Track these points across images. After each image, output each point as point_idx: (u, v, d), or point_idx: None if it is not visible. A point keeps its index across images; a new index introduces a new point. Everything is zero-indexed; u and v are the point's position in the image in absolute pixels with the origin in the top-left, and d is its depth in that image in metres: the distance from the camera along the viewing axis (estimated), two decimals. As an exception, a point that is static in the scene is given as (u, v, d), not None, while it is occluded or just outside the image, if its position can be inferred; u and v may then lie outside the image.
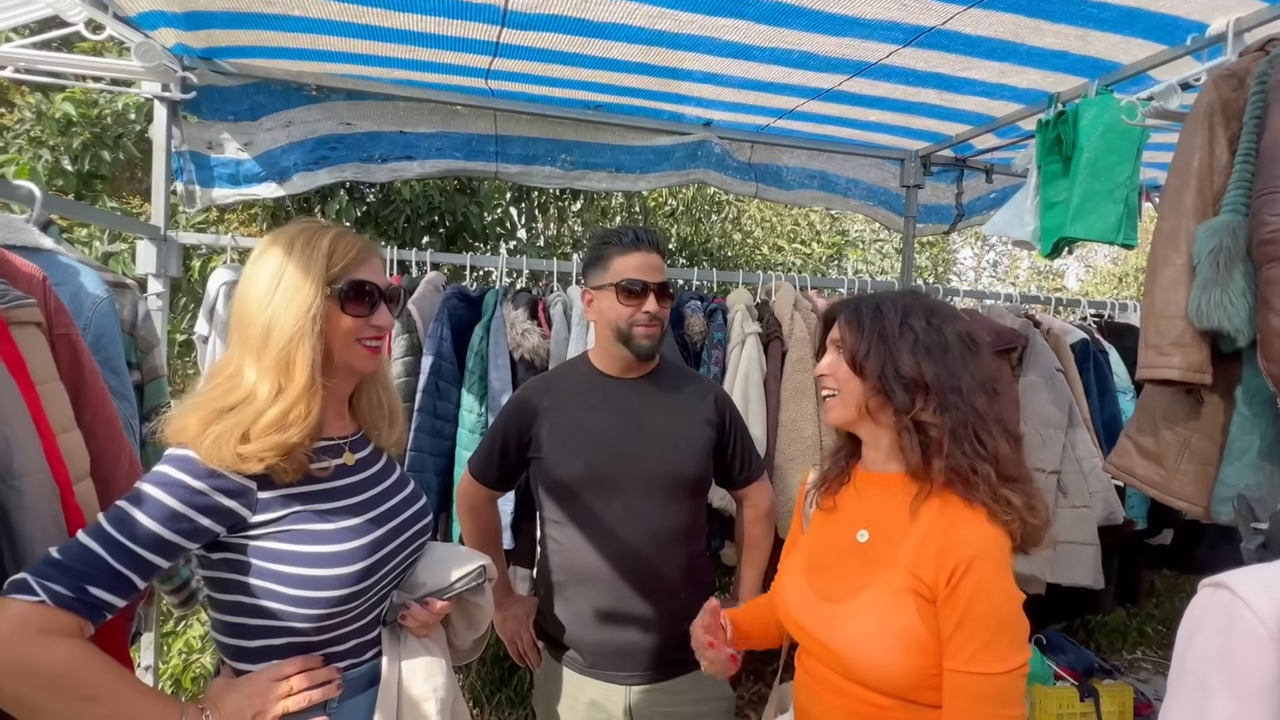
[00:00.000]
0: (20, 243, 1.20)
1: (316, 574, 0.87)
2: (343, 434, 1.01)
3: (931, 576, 0.88)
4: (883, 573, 0.92)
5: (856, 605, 0.93)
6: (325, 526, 0.90)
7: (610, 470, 1.32)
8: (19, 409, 0.91)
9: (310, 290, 0.89)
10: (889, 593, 0.90)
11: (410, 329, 1.94)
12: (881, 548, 0.96)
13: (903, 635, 0.88)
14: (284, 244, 0.93)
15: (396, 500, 1.02)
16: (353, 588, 0.90)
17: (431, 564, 1.04)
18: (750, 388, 2.02)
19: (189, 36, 1.83)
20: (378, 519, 0.96)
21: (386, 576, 0.97)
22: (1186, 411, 1.36)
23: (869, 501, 1.02)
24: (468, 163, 2.27)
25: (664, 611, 1.31)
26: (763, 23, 1.72)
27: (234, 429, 0.85)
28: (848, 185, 2.71)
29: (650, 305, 1.32)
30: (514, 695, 2.61)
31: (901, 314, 0.97)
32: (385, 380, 1.09)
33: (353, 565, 0.90)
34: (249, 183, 2.06)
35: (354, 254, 0.94)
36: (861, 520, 1.01)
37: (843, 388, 1.00)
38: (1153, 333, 1.32)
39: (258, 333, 0.89)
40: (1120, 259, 7.06)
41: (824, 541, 1.05)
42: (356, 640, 0.96)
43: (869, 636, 0.90)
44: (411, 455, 1.86)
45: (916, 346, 0.94)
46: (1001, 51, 1.82)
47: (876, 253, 5.68)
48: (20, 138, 2.23)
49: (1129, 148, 1.72)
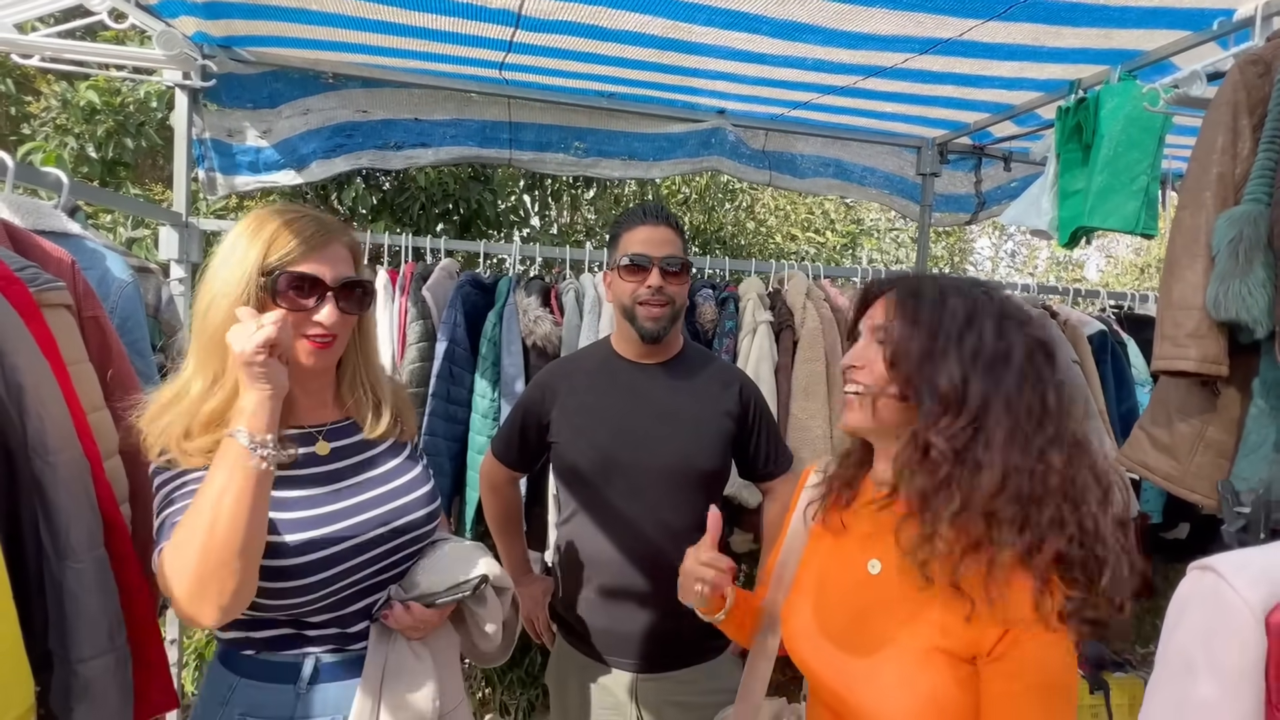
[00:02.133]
0: (49, 228, 1.24)
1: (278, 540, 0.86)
2: (320, 422, 0.99)
3: (970, 630, 0.73)
4: (904, 621, 0.78)
5: (875, 660, 0.78)
6: (275, 515, 0.87)
7: (621, 456, 1.31)
8: (52, 389, 0.94)
9: (241, 279, 0.86)
10: (913, 655, 0.76)
11: (425, 315, 1.97)
12: (898, 585, 0.79)
13: (930, 700, 0.74)
14: (240, 229, 0.91)
15: (381, 490, 0.98)
16: (303, 579, 0.87)
17: (434, 565, 1.00)
18: (761, 378, 2.03)
19: (209, 25, 1.85)
20: (343, 511, 0.93)
21: (359, 570, 0.93)
22: (1202, 404, 1.35)
23: (881, 524, 0.84)
24: (482, 150, 2.28)
25: (674, 602, 1.30)
26: (777, 37, 1.72)
27: (175, 422, 0.85)
28: (863, 173, 2.68)
29: (653, 279, 1.27)
30: (525, 676, 2.66)
31: (968, 313, 0.77)
32: (370, 369, 1.05)
33: (298, 558, 0.87)
34: (268, 170, 2.09)
35: (297, 243, 0.88)
36: (872, 547, 0.85)
37: (872, 388, 0.81)
38: (1169, 324, 1.30)
39: (199, 319, 0.88)
40: (1142, 249, 6.92)
41: (830, 567, 0.91)
42: (337, 629, 0.94)
43: (890, 698, 0.76)
44: (426, 439, 1.89)
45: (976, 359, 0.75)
46: (1021, 53, 1.80)
47: (892, 242, 5.63)
48: (47, 125, 2.28)
49: (1150, 136, 1.69)
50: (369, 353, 1.05)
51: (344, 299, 0.93)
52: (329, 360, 0.97)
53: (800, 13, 1.60)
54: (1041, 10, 1.56)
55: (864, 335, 0.85)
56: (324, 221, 0.94)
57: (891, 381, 0.80)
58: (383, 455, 1.04)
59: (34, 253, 1.13)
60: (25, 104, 2.47)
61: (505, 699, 2.64)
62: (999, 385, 0.74)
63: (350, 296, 0.94)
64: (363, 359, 1.04)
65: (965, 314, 0.77)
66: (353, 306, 0.95)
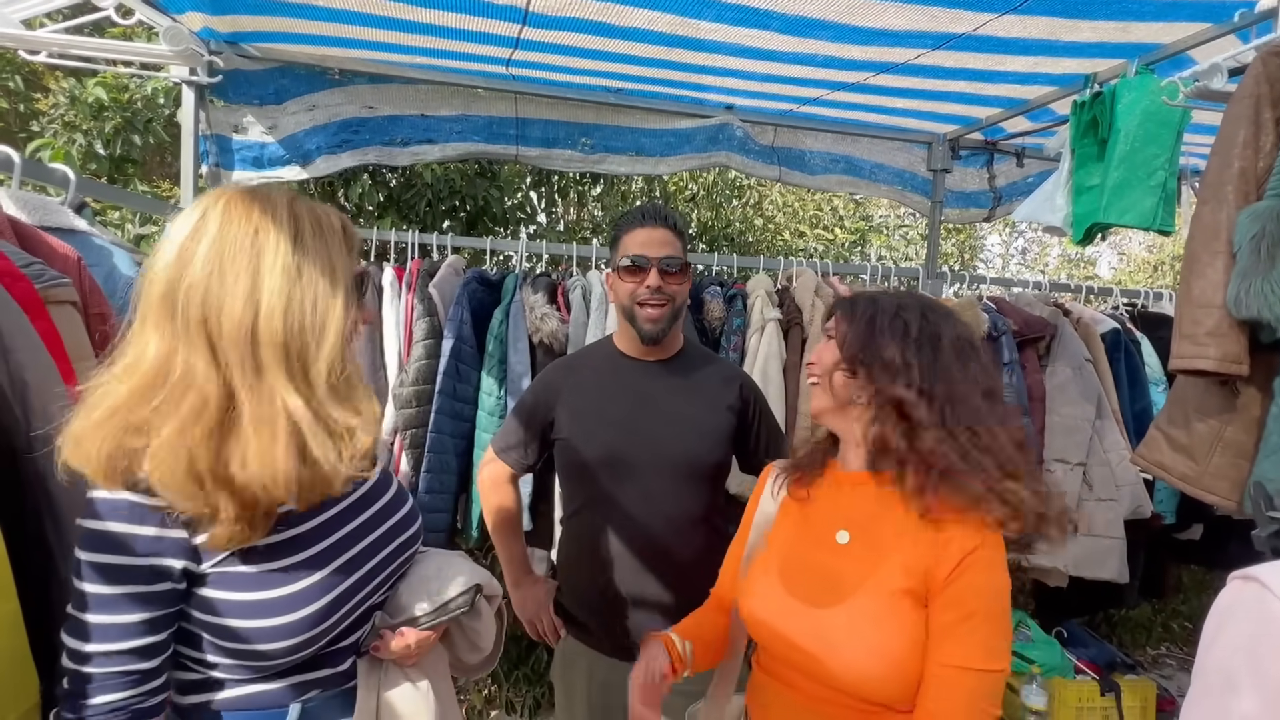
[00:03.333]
0: (56, 224, 1.24)
1: (259, 625, 0.74)
2: None
3: (926, 573, 0.86)
4: (872, 576, 0.89)
5: (847, 612, 0.88)
6: (266, 567, 0.76)
7: (625, 452, 1.32)
8: (56, 384, 0.94)
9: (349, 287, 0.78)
10: (882, 597, 0.87)
11: (431, 312, 1.96)
12: (865, 550, 0.92)
13: (901, 641, 0.84)
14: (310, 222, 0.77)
15: (371, 513, 0.89)
16: (310, 631, 0.77)
17: (418, 582, 0.92)
18: (769, 376, 2.01)
19: (215, 21, 1.85)
20: (343, 542, 0.83)
21: (360, 605, 0.85)
22: (1221, 403, 1.32)
23: (847, 502, 0.97)
24: (488, 145, 2.27)
25: (679, 596, 1.31)
26: (787, 33, 1.70)
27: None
28: (873, 170, 2.65)
29: (652, 280, 1.28)
30: (531, 673, 2.66)
31: (896, 307, 0.95)
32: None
33: (306, 609, 0.77)
34: (273, 165, 2.09)
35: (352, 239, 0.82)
36: (840, 520, 0.97)
37: (826, 374, 0.98)
38: (1188, 322, 1.28)
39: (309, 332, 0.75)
40: (1156, 247, 6.83)
41: (798, 541, 1.00)
42: (329, 669, 0.84)
43: (864, 645, 0.86)
44: (432, 437, 1.89)
45: (906, 338, 0.92)
46: (1036, 48, 1.77)
47: (901, 239, 5.58)
48: (55, 122, 2.29)
49: (1169, 131, 1.65)
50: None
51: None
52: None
53: (811, 8, 1.57)
54: (1059, 3, 1.53)
55: (822, 337, 1.03)
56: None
57: (840, 363, 0.96)
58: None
59: (40, 249, 1.13)
60: (34, 101, 2.48)
61: (511, 696, 2.64)
62: (938, 359, 0.90)
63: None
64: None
65: (894, 307, 0.95)
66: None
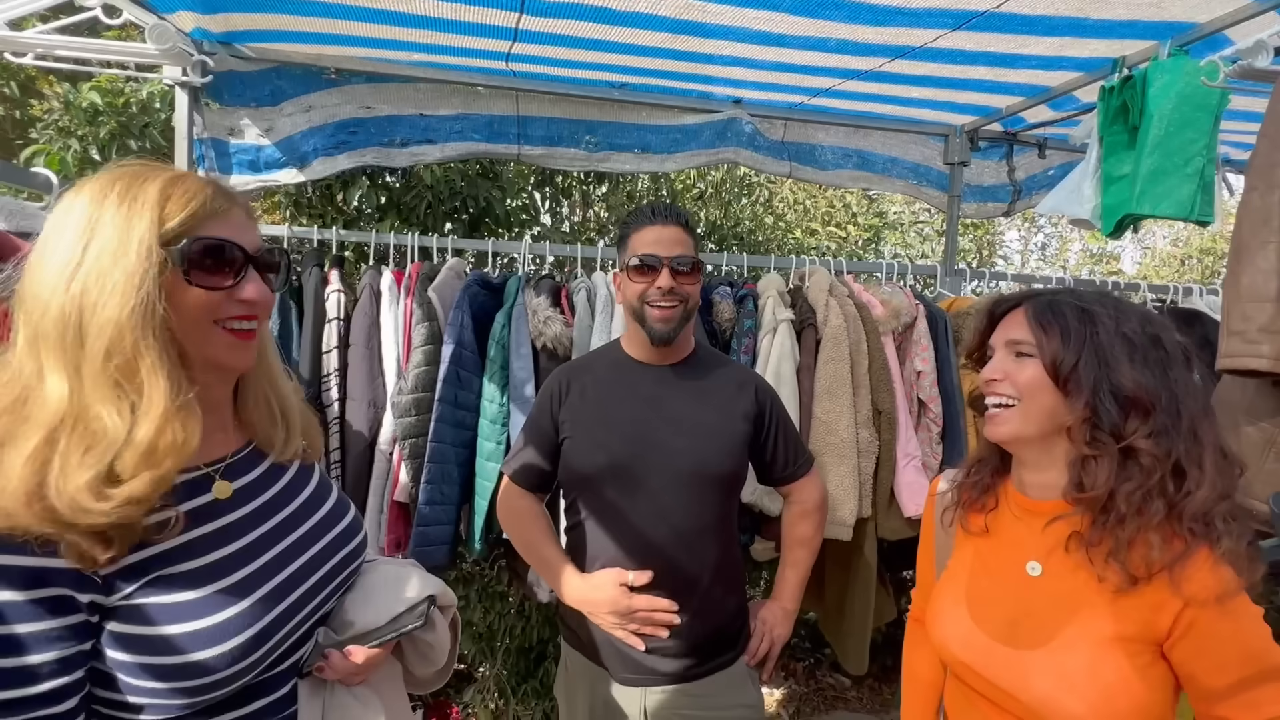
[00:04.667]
0: (31, 229, 1.19)
1: (179, 661, 0.65)
2: (218, 456, 0.76)
3: (1149, 617, 0.78)
4: (1076, 615, 0.81)
5: (1052, 653, 0.81)
6: (181, 597, 0.66)
7: (633, 462, 1.25)
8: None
9: (135, 255, 0.63)
10: (1092, 641, 0.79)
11: (430, 317, 1.90)
12: (1062, 584, 0.85)
13: (1114, 689, 0.77)
14: (94, 195, 0.65)
15: (308, 527, 0.80)
16: (238, 664, 0.68)
17: (365, 597, 0.84)
18: (782, 379, 1.93)
19: (207, 20, 1.80)
20: (275, 562, 0.74)
21: (299, 627, 0.76)
22: (1275, 406, 1.23)
23: (1034, 531, 0.89)
24: (489, 145, 2.21)
25: (689, 611, 1.24)
26: (797, 14, 1.62)
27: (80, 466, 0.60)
28: (887, 163, 2.56)
29: (663, 280, 1.23)
30: (539, 686, 2.59)
31: (1116, 317, 0.83)
32: (270, 375, 0.83)
33: (231, 641, 0.67)
34: (269, 169, 2.04)
35: (198, 203, 0.67)
36: (1029, 550, 0.89)
37: (1028, 400, 0.86)
38: (1237, 318, 1.19)
39: (58, 322, 0.62)
40: (1182, 240, 6.65)
41: (983, 571, 0.94)
42: (267, 698, 0.74)
43: (1073, 690, 0.78)
44: (433, 446, 1.82)
45: (1135, 357, 0.80)
46: (1063, 27, 1.67)
47: (917, 235, 5.46)
48: (50, 128, 2.25)
49: (1206, 114, 1.55)
50: (271, 354, 0.84)
51: (266, 271, 0.74)
52: (253, 358, 0.76)
53: (823, -14, 1.49)
54: (1092, -25, 1.43)
55: (999, 350, 0.91)
56: (212, 179, 0.75)
57: (1050, 391, 0.84)
58: (296, 481, 0.84)
59: (13, 255, 1.08)
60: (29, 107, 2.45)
61: (519, 710, 2.57)
62: (1169, 382, 0.80)
63: (271, 269, 0.75)
64: (265, 364, 0.83)
65: (1114, 319, 0.83)
66: (273, 284, 0.76)
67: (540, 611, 2.61)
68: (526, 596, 2.21)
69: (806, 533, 1.42)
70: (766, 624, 1.37)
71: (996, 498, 0.96)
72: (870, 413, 1.96)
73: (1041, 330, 0.85)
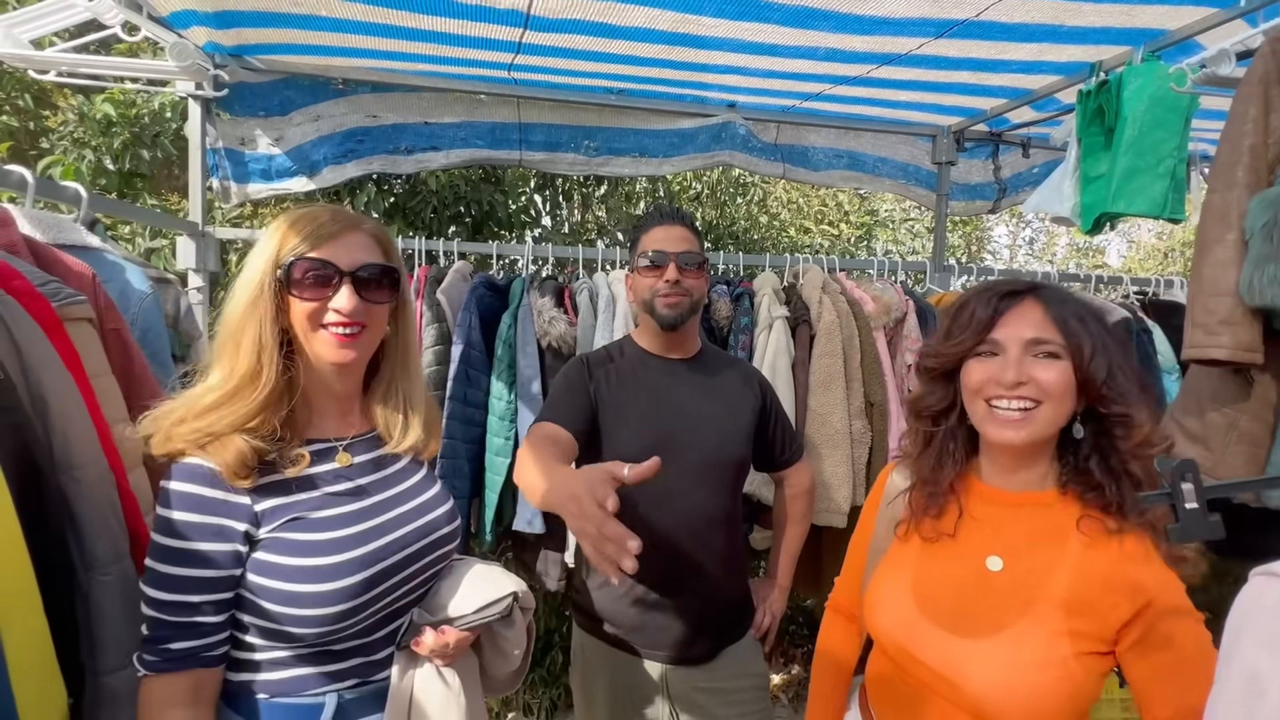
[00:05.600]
0: (69, 241, 1.25)
1: (301, 590, 0.81)
2: (342, 434, 0.94)
3: (1106, 615, 0.78)
4: (1031, 609, 0.81)
5: (999, 645, 0.81)
6: (310, 537, 0.84)
7: (650, 450, 1.28)
8: (77, 404, 0.95)
9: (258, 270, 0.85)
10: (1043, 634, 0.79)
11: (440, 318, 1.97)
12: (1022, 578, 0.84)
13: (1060, 683, 0.77)
14: (265, 232, 0.90)
15: (408, 507, 0.94)
16: (345, 604, 0.83)
17: (458, 585, 0.95)
18: (778, 373, 2.01)
19: (220, 35, 1.86)
20: (377, 529, 0.89)
21: (391, 591, 0.89)
22: (1235, 392, 1.31)
23: (999, 524, 0.89)
24: (492, 151, 2.28)
25: (700, 595, 1.32)
26: (788, 25, 1.70)
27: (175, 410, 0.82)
28: (877, 164, 2.64)
29: (670, 274, 1.32)
30: (547, 675, 2.67)
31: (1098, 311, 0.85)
32: (408, 377, 0.99)
33: (342, 580, 0.83)
34: (280, 177, 2.11)
35: (310, 232, 0.86)
36: (990, 545, 0.88)
37: (1055, 402, 0.83)
38: (1200, 311, 1.27)
39: (222, 320, 0.87)
40: (1166, 234, 6.77)
41: (938, 566, 0.92)
42: (362, 659, 0.88)
43: (1019, 682, 0.78)
44: (444, 442, 1.90)
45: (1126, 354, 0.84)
46: (1040, 34, 1.75)
47: (907, 232, 5.55)
48: (64, 139, 2.31)
49: (1176, 117, 1.64)
50: (408, 359, 0.99)
51: (364, 286, 0.88)
52: (357, 356, 0.91)
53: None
54: (1062, -14, 1.52)
55: (1014, 350, 0.85)
56: (341, 212, 0.91)
57: (1068, 391, 0.83)
58: (404, 470, 0.99)
59: (56, 267, 1.14)
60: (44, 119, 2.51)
61: (528, 699, 2.65)
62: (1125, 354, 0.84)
63: (373, 284, 0.89)
64: (400, 366, 0.99)
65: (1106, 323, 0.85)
66: (377, 295, 0.90)
67: (548, 601, 2.68)
68: (534, 587, 2.28)
69: (799, 513, 1.53)
70: (766, 600, 1.49)
71: (955, 491, 0.93)
72: (863, 404, 2.05)
73: (1070, 331, 0.84)
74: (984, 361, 0.87)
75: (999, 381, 0.84)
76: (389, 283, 0.91)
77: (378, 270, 0.90)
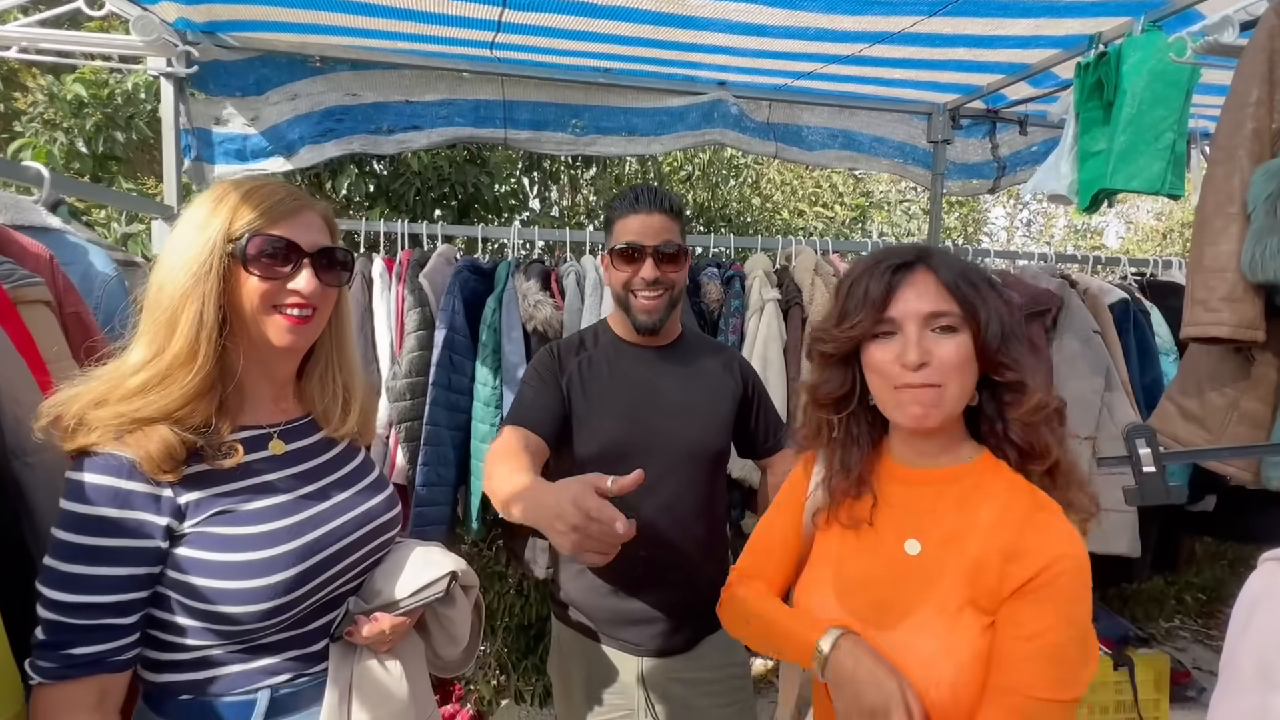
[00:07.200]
0: (28, 222, 1.21)
1: (230, 586, 0.76)
2: (276, 420, 0.89)
3: (994, 581, 0.76)
4: (941, 588, 0.79)
5: (920, 635, 0.78)
6: (240, 530, 0.78)
7: (625, 441, 1.28)
8: (29, 388, 0.91)
9: (203, 249, 0.78)
10: (952, 613, 0.77)
11: (423, 303, 1.93)
12: (939, 557, 0.81)
13: (972, 656, 0.75)
14: (199, 200, 0.82)
15: (345, 496, 0.90)
16: (278, 599, 0.78)
17: (393, 570, 0.91)
18: (769, 357, 1.97)
19: (190, 11, 1.80)
20: (313, 519, 0.84)
21: (329, 583, 0.85)
22: (1235, 371, 1.28)
23: (915, 505, 0.86)
24: (475, 130, 2.22)
25: (680, 584, 1.29)
26: (777, 6, 1.65)
27: (91, 390, 0.75)
28: (873, 143, 2.58)
29: (646, 271, 1.24)
30: (539, 662, 2.66)
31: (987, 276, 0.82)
32: (344, 362, 0.95)
33: (275, 575, 0.78)
34: (255, 158, 2.05)
35: (267, 208, 0.81)
36: (906, 528, 0.85)
37: (958, 378, 0.80)
38: (1200, 287, 1.24)
39: (152, 293, 0.79)
40: (1165, 214, 6.71)
41: (857, 560, 0.88)
42: (297, 651, 0.84)
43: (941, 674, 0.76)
44: (428, 429, 1.86)
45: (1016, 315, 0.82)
46: (1038, 9, 1.70)
47: (903, 214, 5.50)
48: (35, 121, 2.24)
49: (1176, 90, 1.59)
50: (344, 342, 0.95)
51: (322, 269, 0.85)
52: (306, 340, 0.87)
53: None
54: (1060, -44, 1.46)
55: (911, 326, 0.80)
56: (293, 188, 0.87)
57: (970, 364, 0.80)
58: (341, 456, 0.95)
59: (10, 248, 1.10)
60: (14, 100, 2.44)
61: (520, 685, 2.64)
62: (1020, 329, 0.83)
63: (329, 267, 0.86)
64: (336, 349, 0.95)
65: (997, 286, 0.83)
66: (332, 279, 0.86)
67: (538, 589, 2.67)
68: (524, 575, 2.27)
69: None
70: None
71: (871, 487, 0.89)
72: (855, 388, 2.02)
73: (965, 299, 0.80)
74: (883, 344, 0.82)
75: (902, 362, 0.80)
76: (341, 266, 0.88)
77: (335, 253, 0.87)
